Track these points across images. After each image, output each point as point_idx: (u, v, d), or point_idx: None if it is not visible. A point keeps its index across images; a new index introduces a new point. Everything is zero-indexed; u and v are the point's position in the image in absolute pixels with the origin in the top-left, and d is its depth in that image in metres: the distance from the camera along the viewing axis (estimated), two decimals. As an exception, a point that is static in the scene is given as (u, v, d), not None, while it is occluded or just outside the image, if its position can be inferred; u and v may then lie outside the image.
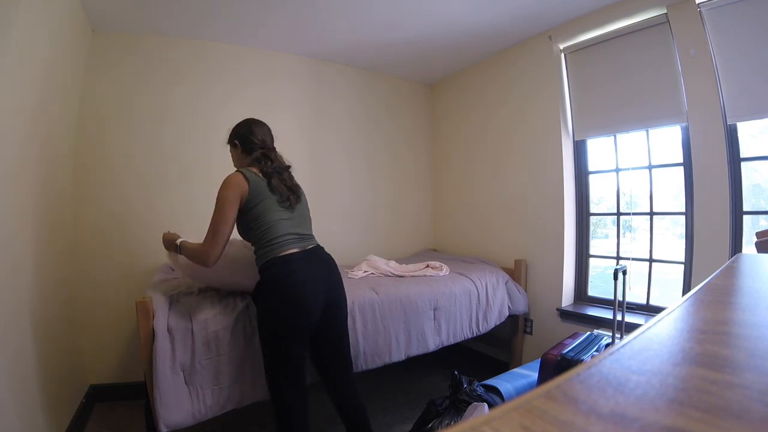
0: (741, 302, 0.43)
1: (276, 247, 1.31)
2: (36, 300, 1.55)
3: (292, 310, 1.27)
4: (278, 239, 1.31)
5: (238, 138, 1.48)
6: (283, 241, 1.32)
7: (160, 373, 1.29)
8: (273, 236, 1.31)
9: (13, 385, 1.30)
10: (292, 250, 1.32)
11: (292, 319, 1.27)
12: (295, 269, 1.29)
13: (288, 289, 1.27)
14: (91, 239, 2.17)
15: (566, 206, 2.35)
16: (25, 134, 1.46)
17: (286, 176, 1.42)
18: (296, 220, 1.39)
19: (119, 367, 2.22)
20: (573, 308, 2.32)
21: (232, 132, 1.52)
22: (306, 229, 1.43)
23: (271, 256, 1.30)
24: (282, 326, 1.27)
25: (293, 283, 1.28)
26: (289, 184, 1.41)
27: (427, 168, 3.40)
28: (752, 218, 1.78)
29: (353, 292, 1.73)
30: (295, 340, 1.29)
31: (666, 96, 1.96)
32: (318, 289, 1.33)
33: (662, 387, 0.21)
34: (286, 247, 1.31)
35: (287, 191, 1.38)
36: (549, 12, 2.20)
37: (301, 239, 1.37)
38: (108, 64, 2.22)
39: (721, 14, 1.74)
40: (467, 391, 1.60)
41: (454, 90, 3.19)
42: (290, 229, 1.35)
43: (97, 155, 2.20)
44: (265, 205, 1.32)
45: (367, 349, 1.72)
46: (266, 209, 1.32)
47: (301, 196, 1.46)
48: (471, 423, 0.17)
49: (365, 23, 2.32)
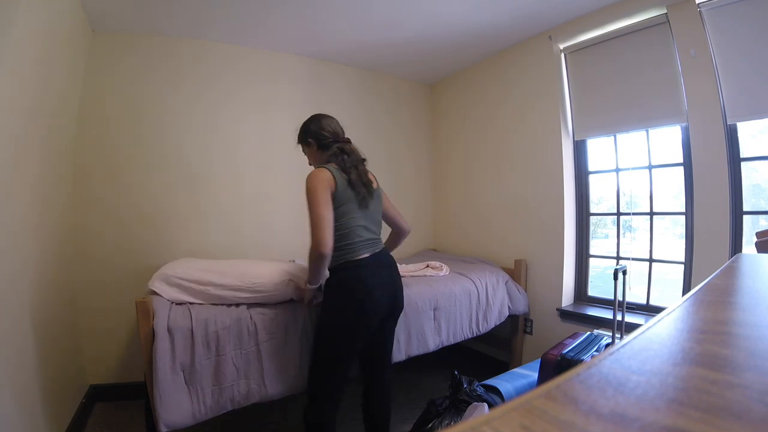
0: (741, 302, 0.43)
1: (349, 251, 1.35)
2: (36, 300, 1.55)
3: (359, 314, 1.33)
4: (353, 244, 1.36)
5: (311, 135, 1.48)
6: (357, 245, 1.36)
7: (160, 373, 1.29)
8: (349, 240, 1.35)
9: (14, 386, 1.30)
10: (364, 255, 1.36)
11: (357, 322, 1.34)
12: (365, 275, 1.34)
13: (357, 294, 1.33)
14: (92, 240, 2.17)
15: (566, 206, 2.35)
16: (24, 135, 1.46)
17: (362, 170, 1.43)
18: (369, 222, 1.42)
19: (119, 367, 2.22)
20: (573, 308, 2.32)
21: (302, 130, 1.52)
22: (376, 232, 1.46)
23: (344, 259, 1.35)
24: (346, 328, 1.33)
25: (363, 288, 1.33)
26: (364, 180, 1.42)
27: (427, 168, 3.40)
28: (752, 218, 1.78)
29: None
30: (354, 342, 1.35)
31: (666, 96, 1.96)
32: (385, 295, 1.39)
33: (662, 387, 0.21)
34: (359, 252, 1.36)
35: (363, 188, 1.40)
36: (549, 12, 2.20)
37: (372, 244, 1.41)
38: (108, 65, 2.22)
39: (721, 14, 1.74)
40: (467, 391, 1.60)
41: (454, 90, 3.19)
42: (364, 234, 1.39)
43: (97, 156, 2.20)
44: (348, 208, 1.36)
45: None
46: (348, 211, 1.36)
47: (374, 192, 1.46)
48: (471, 423, 0.17)
49: (365, 23, 2.32)
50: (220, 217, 2.49)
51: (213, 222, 2.47)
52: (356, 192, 1.37)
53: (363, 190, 1.39)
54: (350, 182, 1.36)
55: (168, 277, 1.57)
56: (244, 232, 2.55)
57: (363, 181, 1.41)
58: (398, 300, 1.47)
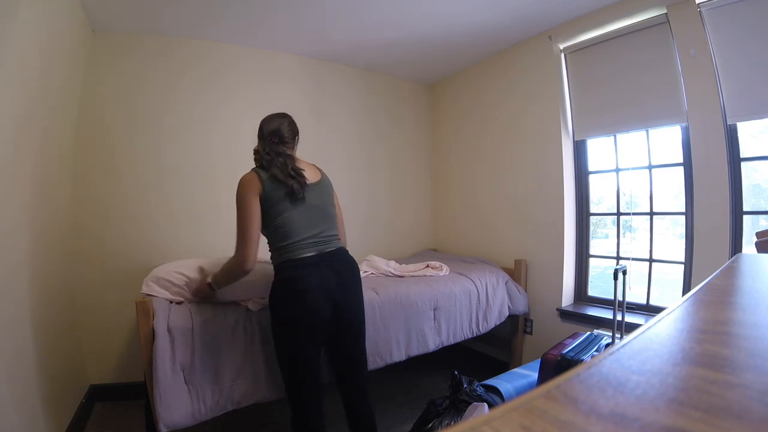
0: (741, 302, 0.43)
1: (289, 250, 1.30)
2: (36, 300, 1.55)
3: (298, 314, 1.27)
4: (293, 243, 1.30)
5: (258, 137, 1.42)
6: (297, 244, 1.30)
7: (160, 373, 1.29)
8: (288, 240, 1.30)
9: (14, 386, 1.30)
10: (307, 254, 1.30)
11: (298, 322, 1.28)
12: (303, 275, 1.27)
13: (293, 295, 1.27)
14: (91, 239, 2.17)
15: (566, 206, 2.35)
16: (24, 134, 1.46)
17: (285, 162, 1.32)
18: (311, 217, 1.34)
19: (119, 367, 2.22)
20: (573, 308, 2.32)
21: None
22: (324, 227, 1.37)
23: (285, 257, 1.30)
24: (290, 329, 1.29)
25: (298, 289, 1.27)
26: (290, 171, 1.31)
27: (426, 168, 3.40)
28: (752, 218, 1.78)
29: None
30: (304, 342, 1.29)
31: (666, 96, 1.96)
32: (329, 298, 1.31)
33: (662, 387, 0.21)
34: (301, 251, 1.30)
35: (291, 179, 1.30)
36: (549, 12, 2.20)
37: (318, 242, 1.33)
38: (108, 65, 2.22)
39: (721, 14, 1.74)
40: (467, 391, 1.60)
41: (454, 90, 3.19)
42: (304, 231, 1.31)
43: (96, 156, 2.20)
44: (281, 207, 1.29)
45: (368, 349, 1.72)
46: (281, 210, 1.30)
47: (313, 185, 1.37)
48: (471, 423, 0.17)
49: (365, 23, 2.32)
50: (220, 217, 2.48)
51: (212, 221, 2.47)
52: (284, 185, 1.28)
53: (291, 182, 1.29)
54: (273, 178, 1.29)
55: (158, 279, 1.58)
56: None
57: (289, 174, 1.30)
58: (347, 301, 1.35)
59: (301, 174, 1.34)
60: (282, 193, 1.29)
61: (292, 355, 1.30)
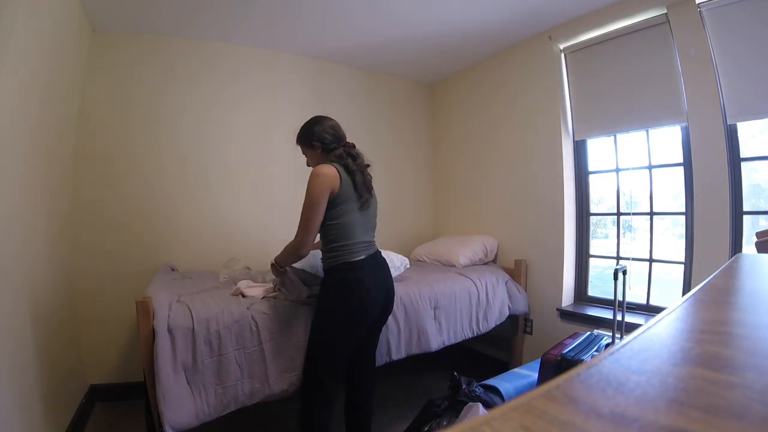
0: (741, 302, 0.43)
1: (347, 253, 1.37)
2: (36, 300, 1.55)
3: (358, 314, 1.37)
4: (352, 245, 1.37)
5: (315, 138, 1.47)
6: (355, 247, 1.38)
7: (162, 374, 1.28)
8: (348, 241, 1.37)
9: (14, 386, 1.30)
10: (361, 257, 1.39)
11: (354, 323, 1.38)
12: (363, 276, 1.37)
13: (356, 294, 1.36)
14: (92, 238, 2.17)
15: (566, 206, 2.35)
16: (25, 132, 1.46)
17: (367, 175, 1.46)
18: (367, 225, 1.45)
19: (119, 367, 2.22)
20: (573, 308, 2.32)
21: (305, 132, 1.50)
22: (372, 234, 1.49)
23: (342, 260, 1.37)
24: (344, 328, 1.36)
25: (362, 289, 1.36)
26: (369, 185, 1.46)
27: (426, 167, 3.40)
28: (752, 218, 1.78)
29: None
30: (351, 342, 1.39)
31: (666, 96, 1.96)
32: (381, 294, 1.43)
33: (662, 387, 0.21)
34: (357, 254, 1.38)
35: (367, 192, 1.43)
36: (549, 12, 2.20)
37: (368, 246, 1.44)
38: (108, 64, 2.22)
39: (721, 14, 1.74)
40: (466, 392, 1.60)
41: (453, 90, 3.19)
42: (362, 236, 1.41)
43: (98, 154, 2.20)
44: (348, 207, 1.37)
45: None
46: (347, 211, 1.37)
47: (373, 197, 1.50)
48: (471, 423, 0.17)
49: (365, 23, 2.32)
50: (219, 216, 2.49)
51: (213, 220, 2.47)
52: (359, 194, 1.39)
53: (366, 194, 1.42)
54: (355, 184, 1.38)
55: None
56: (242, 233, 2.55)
57: (368, 186, 1.44)
58: (391, 299, 1.52)
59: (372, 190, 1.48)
60: (353, 197, 1.38)
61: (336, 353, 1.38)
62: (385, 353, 1.77)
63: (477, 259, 2.56)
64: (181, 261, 2.34)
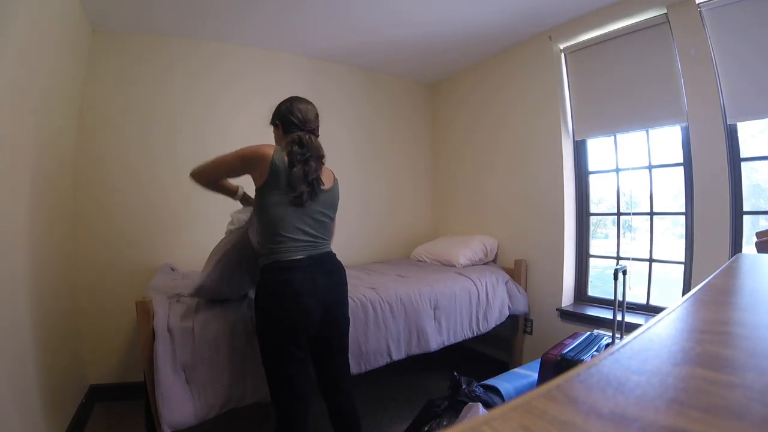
0: (741, 302, 0.43)
1: (279, 251, 1.24)
2: (36, 300, 1.55)
3: (288, 317, 1.23)
4: (284, 242, 1.24)
5: (279, 117, 1.35)
6: (288, 245, 1.24)
7: (161, 373, 1.29)
8: (278, 237, 1.24)
9: (14, 386, 1.30)
10: (297, 256, 1.25)
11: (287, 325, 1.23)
12: (294, 279, 1.23)
13: (283, 300, 1.22)
14: (91, 239, 2.17)
15: (566, 206, 2.35)
16: (25, 135, 1.46)
17: (312, 167, 1.27)
18: (307, 221, 1.28)
19: (119, 367, 2.22)
20: (573, 308, 2.32)
21: (274, 111, 1.39)
22: (317, 234, 1.31)
23: (273, 258, 1.25)
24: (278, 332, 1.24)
25: (289, 294, 1.22)
26: (310, 178, 1.26)
27: (426, 167, 3.40)
28: (752, 218, 1.78)
29: (353, 292, 1.73)
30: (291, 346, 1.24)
31: (666, 96, 1.96)
32: (319, 304, 1.28)
33: (662, 387, 0.21)
34: (291, 253, 1.24)
35: (305, 186, 1.25)
36: (549, 12, 2.20)
37: (308, 245, 1.28)
38: (108, 64, 2.22)
39: (721, 14, 1.74)
40: (466, 391, 1.60)
41: (453, 90, 3.19)
42: (297, 234, 1.26)
43: (97, 157, 2.20)
44: (277, 199, 1.23)
45: (369, 348, 1.72)
46: (277, 203, 1.23)
47: (323, 193, 1.32)
48: (471, 423, 0.17)
49: (365, 23, 2.32)
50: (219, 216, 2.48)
51: (213, 220, 2.46)
52: (292, 188, 1.23)
53: (303, 187, 1.24)
54: (290, 176, 1.22)
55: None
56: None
57: (307, 180, 1.25)
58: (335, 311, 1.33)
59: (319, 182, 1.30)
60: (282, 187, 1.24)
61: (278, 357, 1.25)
62: (385, 353, 1.77)
63: (477, 259, 2.56)
64: (181, 261, 2.34)
